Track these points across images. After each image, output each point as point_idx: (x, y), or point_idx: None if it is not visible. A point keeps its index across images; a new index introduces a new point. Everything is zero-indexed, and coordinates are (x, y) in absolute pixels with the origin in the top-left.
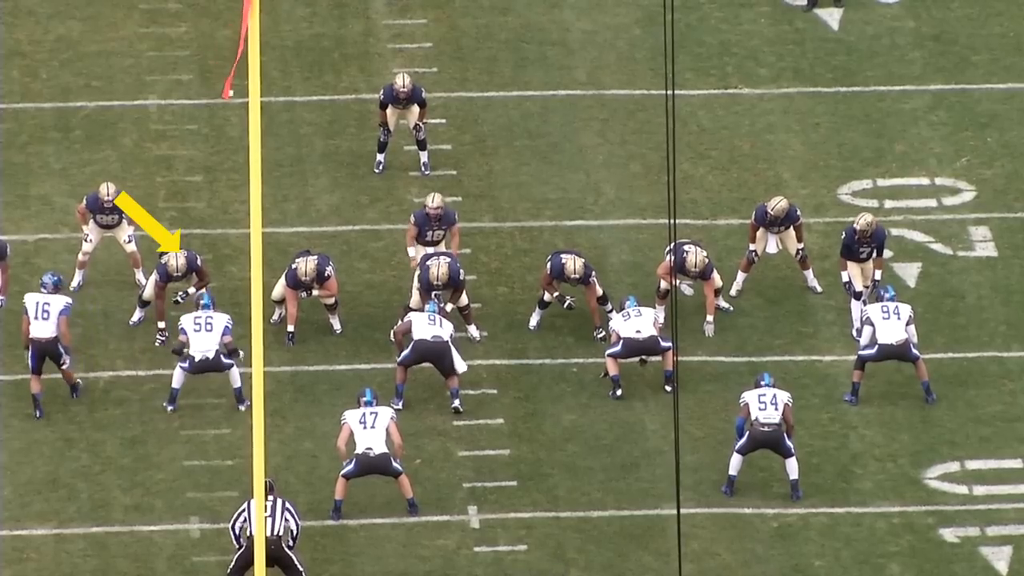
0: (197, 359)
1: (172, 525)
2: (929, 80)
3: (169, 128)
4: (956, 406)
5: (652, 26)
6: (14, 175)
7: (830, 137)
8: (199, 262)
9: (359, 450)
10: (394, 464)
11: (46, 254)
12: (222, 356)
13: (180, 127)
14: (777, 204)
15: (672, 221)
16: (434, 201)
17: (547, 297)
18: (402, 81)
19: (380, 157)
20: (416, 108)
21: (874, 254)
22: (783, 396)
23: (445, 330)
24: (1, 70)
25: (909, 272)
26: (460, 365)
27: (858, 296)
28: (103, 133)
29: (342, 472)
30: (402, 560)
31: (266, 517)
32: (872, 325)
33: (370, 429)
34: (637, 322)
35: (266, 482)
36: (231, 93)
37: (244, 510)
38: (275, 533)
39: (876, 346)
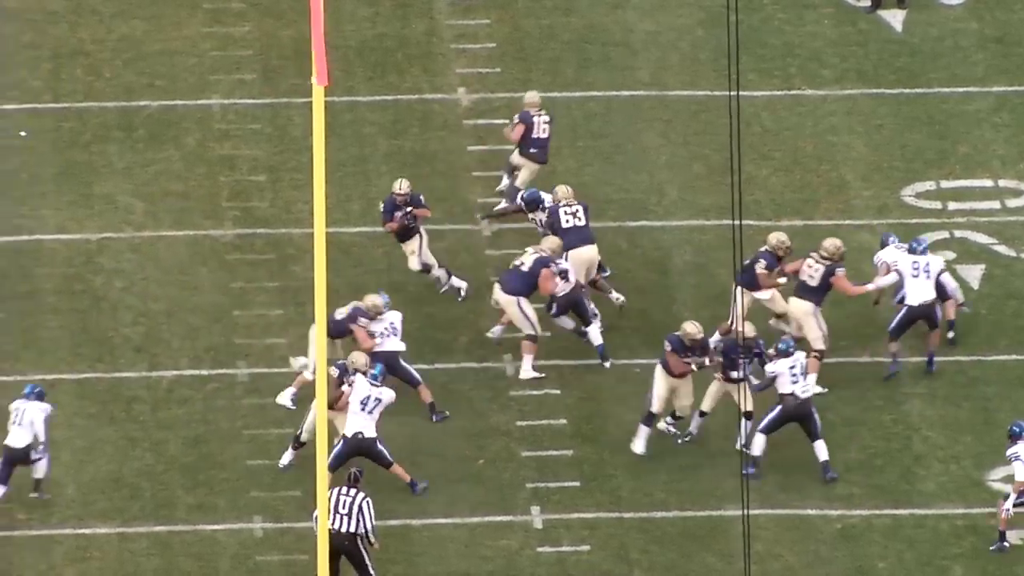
0: (349, 436)
1: (235, 524)
2: (992, 82)
3: (232, 128)
4: (1020, 408)
5: (715, 27)
6: (77, 174)
7: (893, 139)
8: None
9: (349, 432)
10: (379, 447)
11: (109, 253)
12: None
13: (243, 127)
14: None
15: (736, 222)
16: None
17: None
18: (399, 186)
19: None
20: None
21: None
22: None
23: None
24: (65, 69)
25: (972, 274)
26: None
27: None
28: (166, 132)
29: (329, 459)
30: (464, 560)
31: (343, 514)
32: (900, 276)
33: (366, 414)
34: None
35: (352, 472)
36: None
37: (331, 495)
38: (351, 528)
39: (904, 309)
